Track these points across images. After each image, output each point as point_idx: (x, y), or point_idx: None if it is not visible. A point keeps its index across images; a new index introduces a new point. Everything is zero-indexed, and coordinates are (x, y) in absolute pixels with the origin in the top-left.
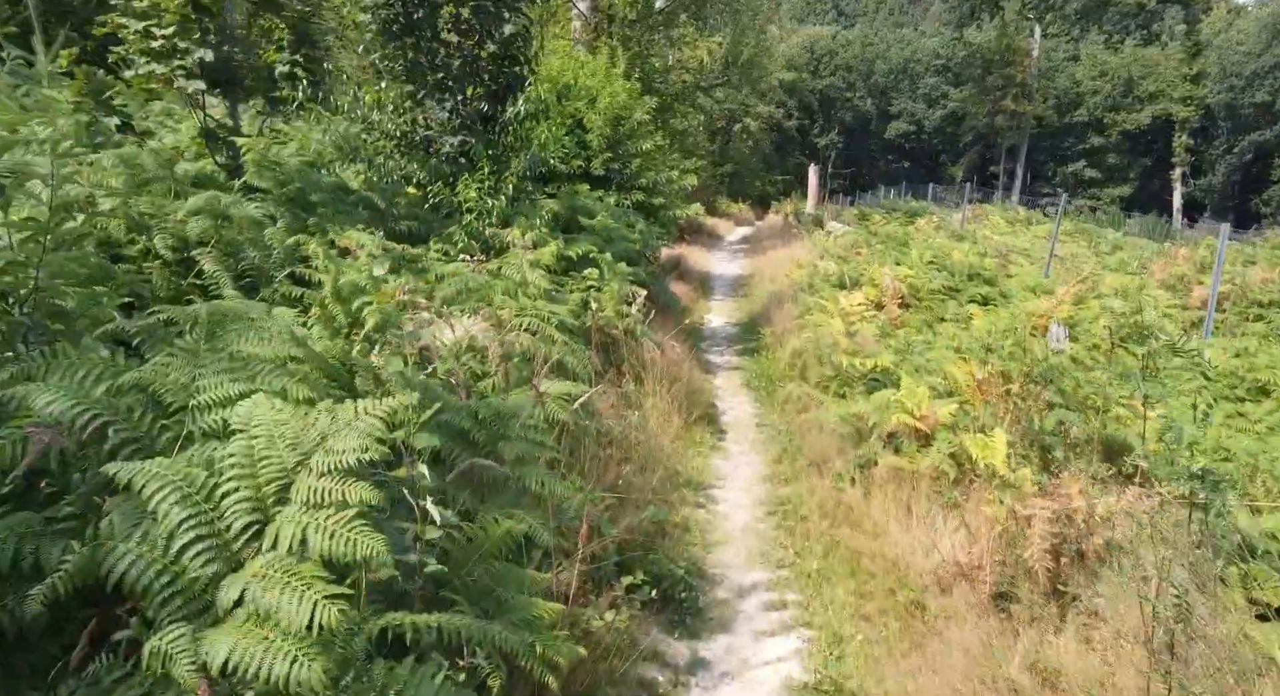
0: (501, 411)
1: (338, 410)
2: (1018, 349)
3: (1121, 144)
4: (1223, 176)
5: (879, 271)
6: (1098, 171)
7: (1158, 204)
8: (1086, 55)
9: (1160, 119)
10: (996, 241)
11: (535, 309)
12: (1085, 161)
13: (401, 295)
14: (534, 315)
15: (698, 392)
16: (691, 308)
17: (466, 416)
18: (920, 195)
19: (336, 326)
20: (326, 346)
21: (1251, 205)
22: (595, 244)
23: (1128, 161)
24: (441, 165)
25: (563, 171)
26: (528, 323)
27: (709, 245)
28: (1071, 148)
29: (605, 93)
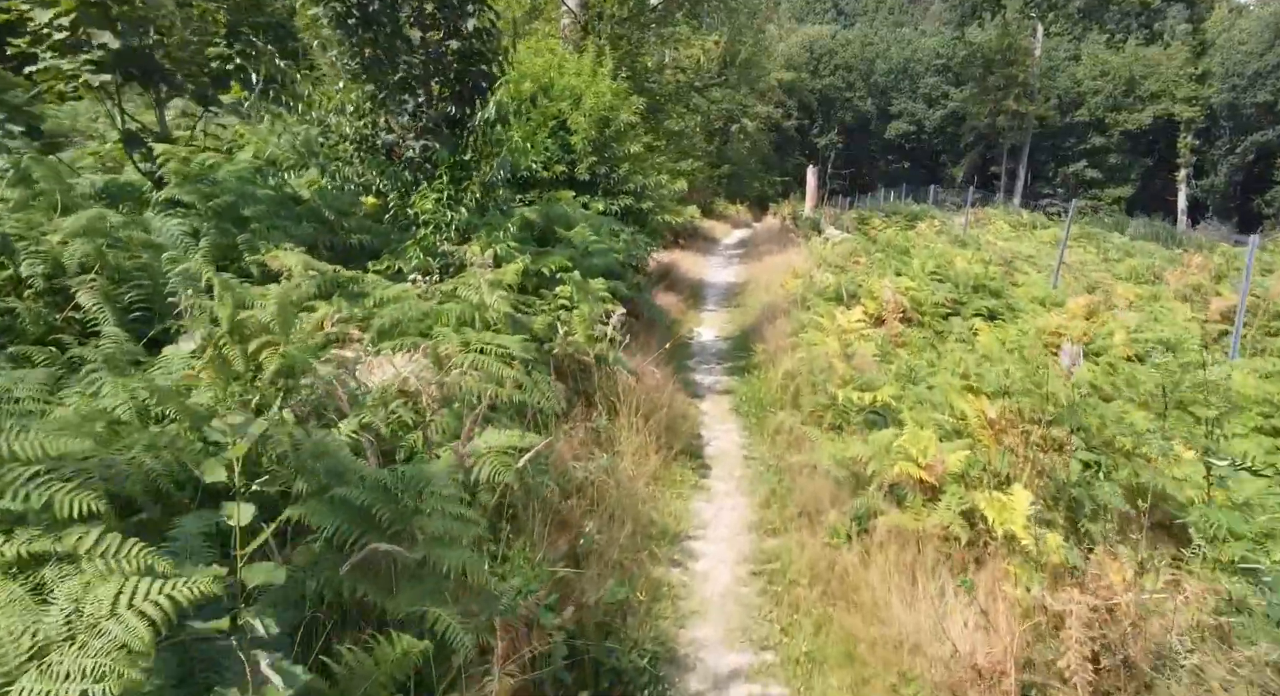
0: (418, 479)
1: (90, 590)
2: (1032, 382)
3: (1123, 144)
4: (1225, 177)
5: (878, 284)
6: (1098, 172)
7: (1159, 204)
8: (1088, 55)
9: (1162, 119)
10: (1000, 247)
11: (484, 341)
12: (1086, 162)
13: (330, 326)
14: (482, 349)
15: (681, 421)
16: (681, 319)
17: (371, 489)
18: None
19: (233, 373)
20: (204, 405)
21: (1254, 206)
22: (571, 257)
23: (1129, 162)
24: (403, 173)
25: (544, 177)
26: (473, 359)
27: (704, 250)
28: (1072, 148)
29: (590, 93)
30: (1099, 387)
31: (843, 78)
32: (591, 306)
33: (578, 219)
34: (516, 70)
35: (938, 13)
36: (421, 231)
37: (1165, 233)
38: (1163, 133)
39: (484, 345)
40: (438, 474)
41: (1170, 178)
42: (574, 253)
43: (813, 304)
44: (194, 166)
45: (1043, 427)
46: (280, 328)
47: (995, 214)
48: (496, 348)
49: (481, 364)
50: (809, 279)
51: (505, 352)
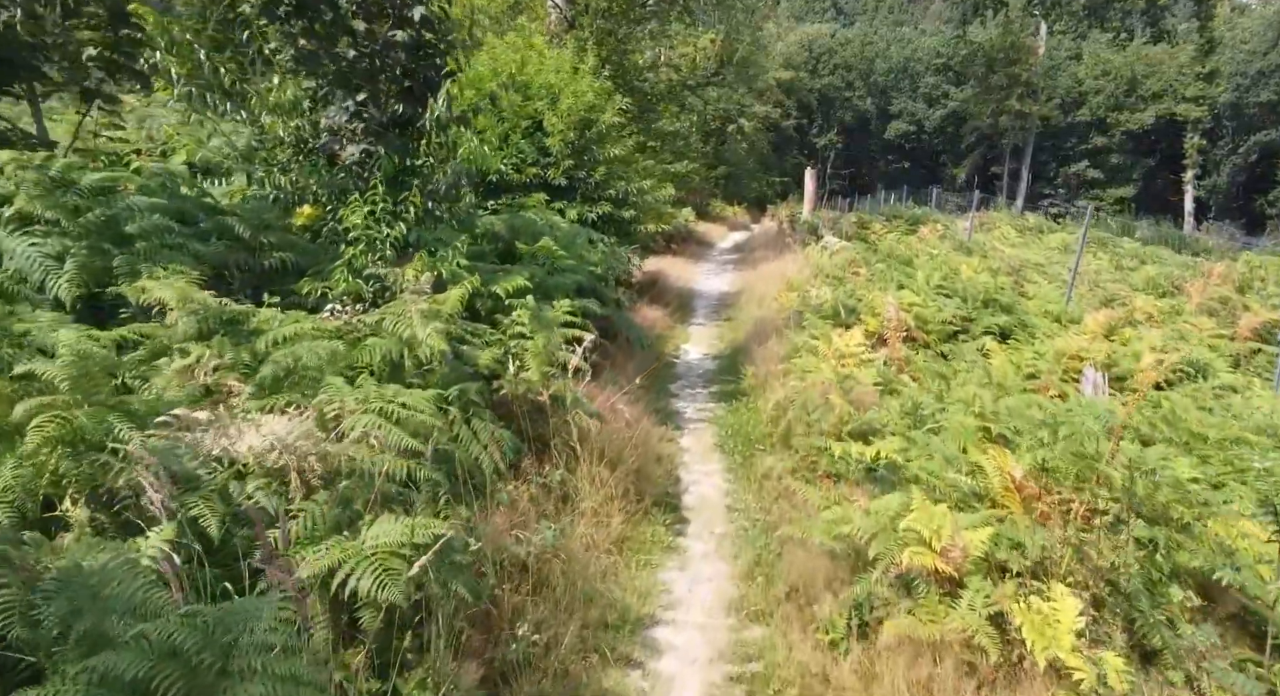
0: (233, 620)
1: None
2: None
3: (1124, 144)
4: (1228, 177)
5: (880, 299)
6: (1100, 172)
7: (1161, 205)
8: (1089, 54)
9: (1164, 118)
10: (1008, 255)
11: (385, 398)
12: (1088, 162)
13: (205, 376)
14: (381, 409)
15: (655, 465)
16: (667, 335)
17: (159, 646)
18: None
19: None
20: None
21: (1257, 206)
22: (534, 276)
23: (1130, 162)
24: (338, 179)
25: (515, 180)
26: (369, 421)
27: (697, 255)
28: (1074, 148)
29: (569, 92)
30: (1134, 427)
31: (842, 77)
32: (550, 336)
33: (546, 230)
34: (480, 66)
35: (938, 11)
36: (350, 250)
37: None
38: (1164, 133)
39: (384, 404)
40: (260, 610)
41: (1172, 178)
42: (537, 270)
43: (809, 322)
44: (65, 171)
45: (1086, 496)
46: (73, 386)
47: (1000, 218)
48: (399, 406)
49: (385, 423)
50: (805, 292)
51: (415, 411)
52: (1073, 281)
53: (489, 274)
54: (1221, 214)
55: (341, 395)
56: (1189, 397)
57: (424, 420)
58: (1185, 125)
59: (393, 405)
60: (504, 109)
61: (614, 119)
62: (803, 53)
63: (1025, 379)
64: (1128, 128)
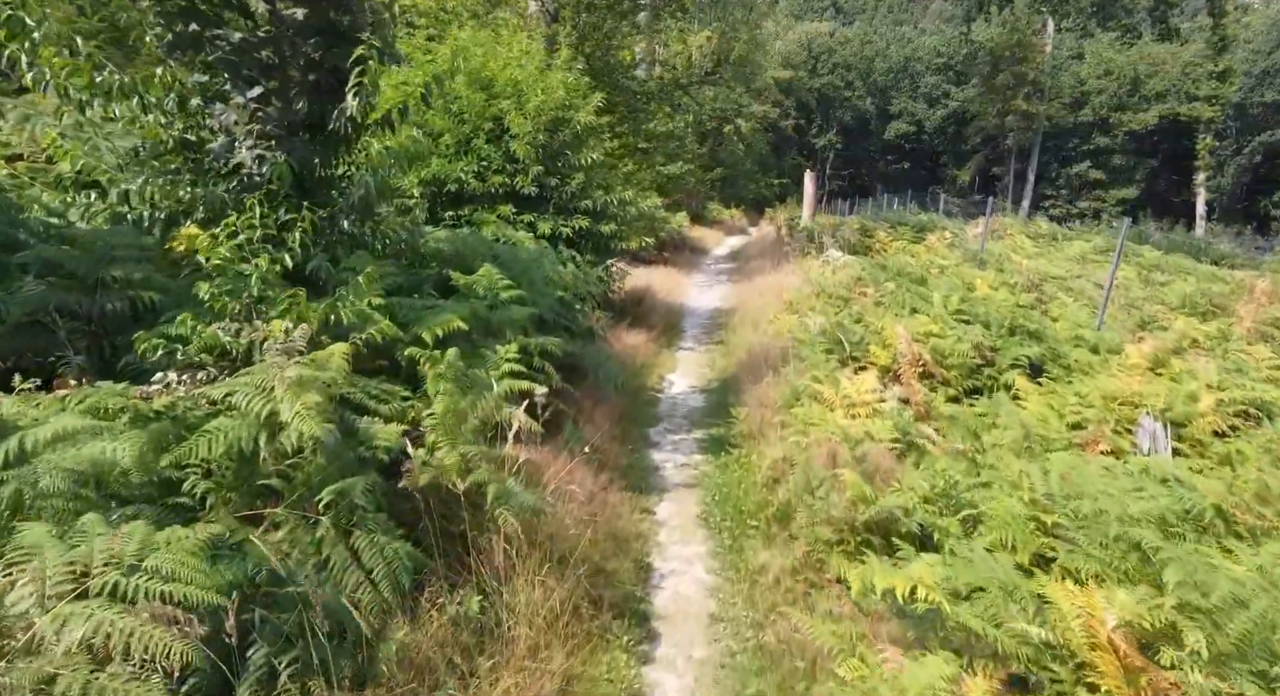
0: None
1: None
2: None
3: (1126, 145)
4: (1232, 178)
5: (891, 327)
6: (1103, 173)
7: (1164, 206)
8: (1091, 53)
9: (1167, 119)
10: (1026, 267)
11: (111, 556)
12: (1090, 162)
13: None
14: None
15: (622, 552)
16: (650, 365)
17: None
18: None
19: None
20: None
21: (1260, 207)
22: (472, 313)
23: (1133, 163)
24: (216, 192)
25: (479, 190)
26: (91, 617)
27: (690, 264)
28: (1075, 148)
29: (538, 89)
30: (1229, 517)
31: (841, 77)
32: (479, 399)
33: (504, 251)
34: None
35: (938, 10)
36: (206, 287)
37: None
38: (1167, 133)
39: (121, 577)
40: None
41: (1175, 179)
42: (479, 304)
43: (810, 360)
44: None
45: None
46: None
47: (1011, 224)
48: (149, 574)
49: (122, 614)
50: (805, 318)
51: (199, 570)
52: (1106, 301)
53: (417, 312)
54: (1225, 216)
55: (44, 558)
56: (1264, 450)
57: (196, 594)
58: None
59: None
60: (462, 109)
61: (590, 118)
62: (801, 52)
63: (1069, 429)
64: (1130, 128)
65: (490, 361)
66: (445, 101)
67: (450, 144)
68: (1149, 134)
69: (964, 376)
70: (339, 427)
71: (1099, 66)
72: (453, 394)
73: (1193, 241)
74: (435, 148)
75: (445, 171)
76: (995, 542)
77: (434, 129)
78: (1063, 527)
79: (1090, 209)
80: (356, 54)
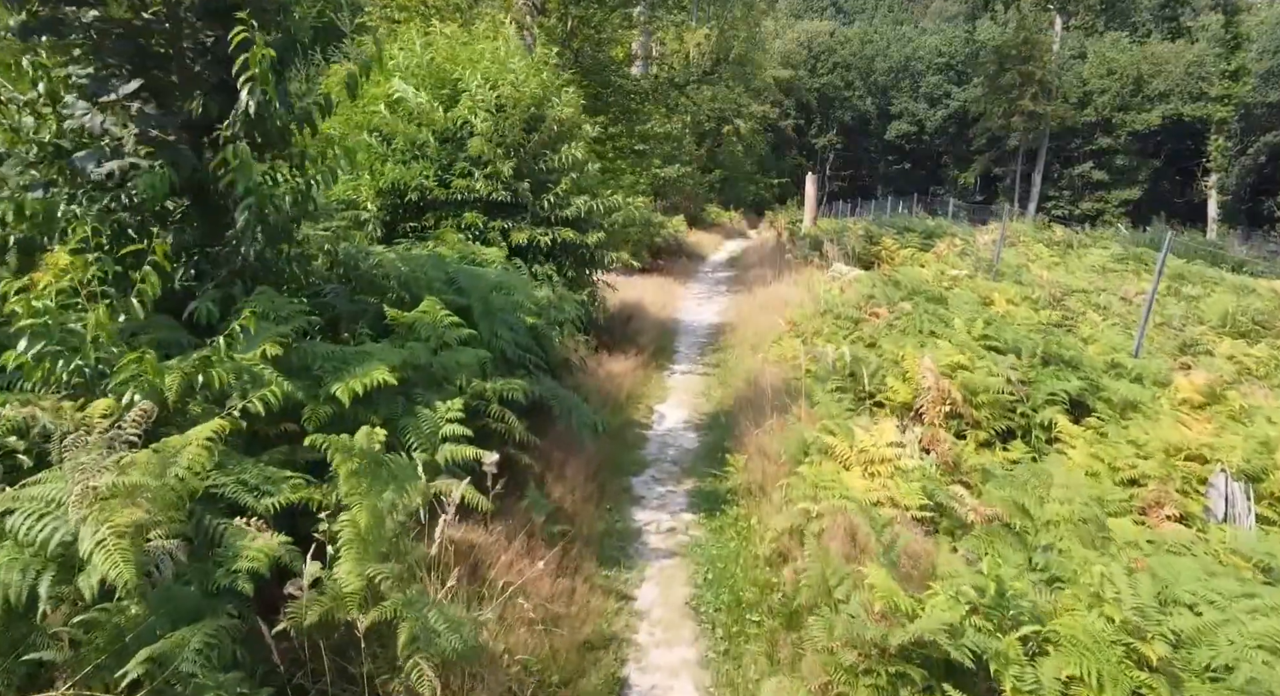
0: None
1: None
2: None
3: (1130, 145)
4: (1236, 179)
5: (912, 359)
6: (1105, 174)
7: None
8: (1094, 53)
9: (1171, 119)
10: (1047, 280)
11: None
12: (1092, 163)
13: None
14: None
15: (589, 660)
16: (638, 394)
17: None
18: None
19: None
20: None
21: (1264, 208)
22: (415, 356)
23: (1136, 163)
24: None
25: (442, 198)
26: None
27: (686, 272)
28: (1078, 149)
29: (505, 83)
30: None
31: (841, 76)
32: (400, 496)
33: (463, 276)
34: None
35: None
36: (12, 355)
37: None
38: (1171, 133)
39: None
40: None
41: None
42: (419, 348)
43: (821, 405)
44: None
45: None
46: None
47: (1024, 230)
48: None
49: None
50: (811, 342)
51: None
52: (1145, 322)
53: (336, 361)
54: (1229, 217)
55: None
56: None
57: None
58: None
59: None
60: (411, 109)
61: (569, 111)
62: (801, 51)
63: (1124, 484)
64: (1134, 128)
65: (429, 423)
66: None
67: (403, 146)
68: (1152, 134)
69: (996, 416)
70: (194, 541)
71: (1102, 66)
72: (367, 493)
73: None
74: (390, 153)
75: (402, 178)
76: (1073, 676)
77: (390, 132)
78: (1166, 660)
79: (1093, 210)
80: (236, 36)
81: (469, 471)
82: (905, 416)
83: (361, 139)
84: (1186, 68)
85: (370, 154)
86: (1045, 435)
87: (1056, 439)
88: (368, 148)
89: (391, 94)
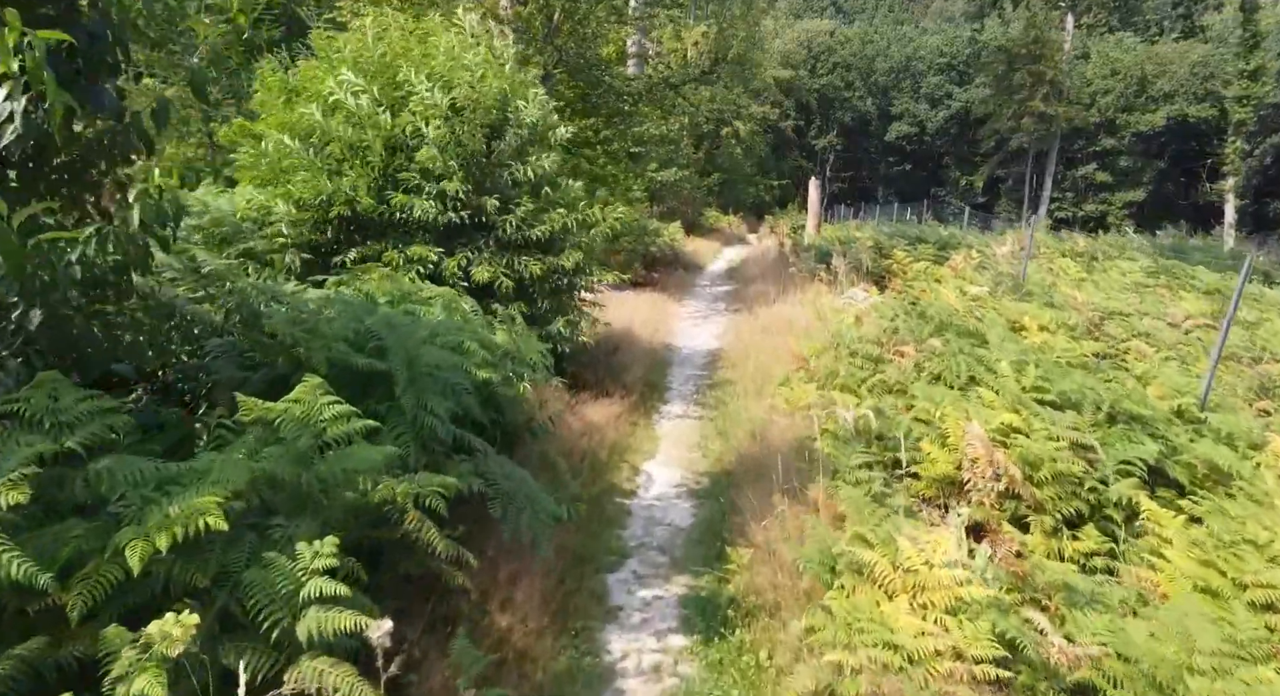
0: None
1: None
2: None
3: (1134, 146)
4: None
5: (954, 420)
6: (1109, 175)
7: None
8: (1097, 53)
9: (1175, 120)
10: (1081, 301)
11: None
12: (1096, 165)
13: None
14: None
15: None
16: (622, 446)
17: None
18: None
19: None
20: None
21: (1270, 211)
22: (272, 463)
23: (1140, 164)
24: None
25: (379, 216)
26: None
27: (681, 286)
28: (1081, 150)
29: (461, 83)
30: None
31: (841, 76)
32: None
33: (393, 328)
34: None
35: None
36: None
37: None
38: (1175, 134)
39: None
40: None
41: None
42: (277, 457)
43: (848, 498)
44: None
45: None
46: None
47: (1042, 240)
48: None
49: None
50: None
51: None
52: (1216, 362)
53: (143, 487)
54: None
55: None
56: None
57: None
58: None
59: None
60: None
61: (536, 113)
62: (801, 51)
63: (1254, 610)
64: (1138, 129)
65: (285, 579)
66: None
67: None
68: (1156, 135)
69: (1063, 496)
70: None
71: (1105, 66)
72: None
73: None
74: (315, 161)
75: (322, 191)
76: None
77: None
78: None
79: (1097, 212)
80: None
81: (355, 639)
82: (946, 492)
83: (277, 140)
84: (1191, 68)
85: (293, 161)
86: (1121, 514)
87: (1146, 533)
88: (286, 154)
89: (329, 95)
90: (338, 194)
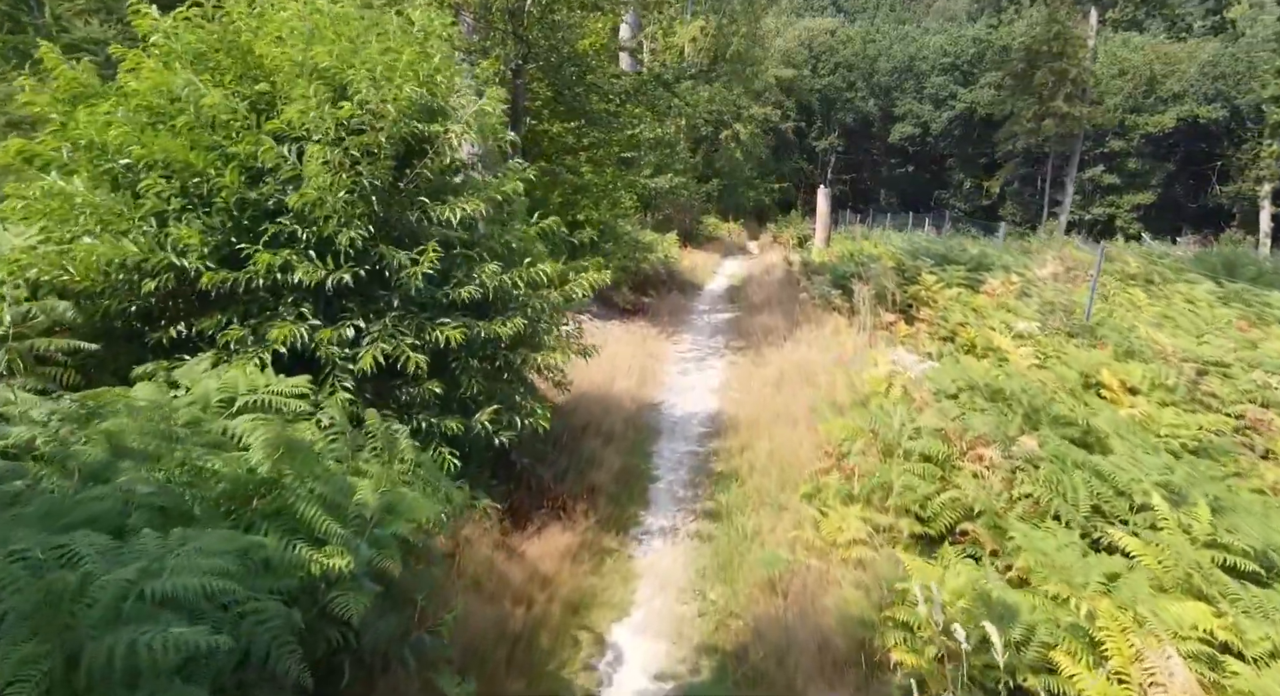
0: None
1: None
2: None
3: (1143, 148)
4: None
5: (1113, 625)
6: (1117, 177)
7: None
8: (1104, 52)
9: (1185, 121)
10: (1170, 349)
11: None
12: (1103, 167)
13: None
14: None
15: None
16: (579, 603)
17: None
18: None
19: None
20: None
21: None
22: None
23: (1149, 166)
24: None
25: (220, 284)
26: None
27: (675, 314)
28: (1089, 152)
29: (360, 80)
30: None
31: (843, 77)
32: None
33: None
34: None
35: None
36: None
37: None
38: (1184, 135)
39: None
40: None
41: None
42: None
43: None
44: None
45: None
46: None
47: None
48: None
49: None
50: (872, 509)
51: None
52: None
53: None
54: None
55: None
56: None
57: None
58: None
59: None
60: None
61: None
62: (802, 50)
63: None
64: (1147, 130)
65: None
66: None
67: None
68: (1165, 136)
69: None
70: None
71: (1113, 65)
72: None
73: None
74: (117, 205)
75: (116, 254)
76: None
77: (135, 152)
78: None
79: (1103, 215)
80: None
81: None
82: None
83: (49, 184)
84: (1201, 68)
85: (56, 203)
86: None
87: None
88: (51, 195)
89: (156, 89)
90: (156, 259)
